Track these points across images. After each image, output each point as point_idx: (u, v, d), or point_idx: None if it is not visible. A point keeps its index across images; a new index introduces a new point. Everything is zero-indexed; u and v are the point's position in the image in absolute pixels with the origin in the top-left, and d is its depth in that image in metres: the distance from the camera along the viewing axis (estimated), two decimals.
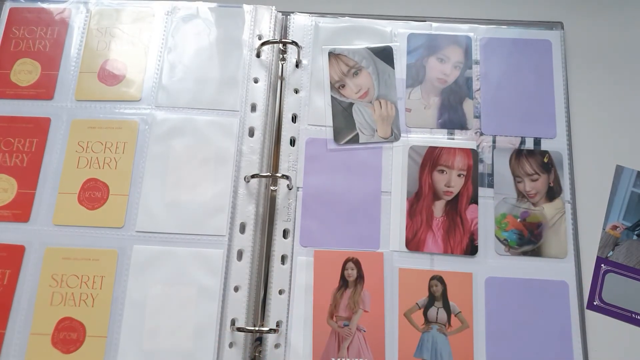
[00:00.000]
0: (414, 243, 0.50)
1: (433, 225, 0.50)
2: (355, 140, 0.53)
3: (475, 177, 0.52)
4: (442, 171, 0.52)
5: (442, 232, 0.50)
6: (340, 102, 0.54)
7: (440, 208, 0.51)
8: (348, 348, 0.47)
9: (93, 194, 0.51)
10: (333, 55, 0.55)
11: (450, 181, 0.52)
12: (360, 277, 0.49)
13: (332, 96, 0.54)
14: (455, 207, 0.51)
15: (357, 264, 0.49)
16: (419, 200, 0.51)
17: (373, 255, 0.49)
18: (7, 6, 0.57)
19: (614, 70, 0.56)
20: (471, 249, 0.50)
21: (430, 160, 0.52)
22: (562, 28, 0.57)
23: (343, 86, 0.54)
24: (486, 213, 0.51)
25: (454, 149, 0.52)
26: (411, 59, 0.55)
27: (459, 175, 0.52)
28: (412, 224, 0.50)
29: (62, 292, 0.48)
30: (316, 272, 0.49)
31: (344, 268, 0.49)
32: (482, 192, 0.51)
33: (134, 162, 0.51)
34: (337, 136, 0.53)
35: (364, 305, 0.48)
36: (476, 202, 0.51)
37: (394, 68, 0.55)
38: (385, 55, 0.55)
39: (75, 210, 0.50)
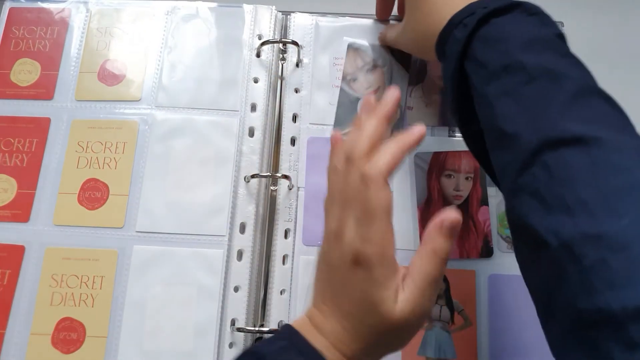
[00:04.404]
0: None
1: None
2: None
3: (483, 178, 0.51)
4: (450, 176, 0.51)
5: (455, 237, 0.49)
6: (349, 94, 0.54)
7: None
8: None
9: (93, 194, 0.50)
10: (352, 48, 0.55)
11: (459, 185, 0.51)
12: None
13: (341, 87, 0.54)
14: (467, 211, 0.50)
15: None
16: (430, 207, 0.50)
17: None
18: (6, 6, 0.57)
19: (614, 69, 0.56)
20: (487, 251, 0.49)
21: (436, 165, 0.52)
22: (563, 27, 0.57)
23: (354, 80, 0.54)
24: (491, 212, 0.50)
25: (459, 152, 0.52)
26: (413, 57, 0.55)
27: (467, 178, 0.51)
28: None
29: (62, 292, 0.47)
30: None
31: None
32: (491, 192, 0.51)
33: (134, 162, 0.51)
34: (338, 124, 0.52)
35: None
36: (487, 204, 0.50)
37: (408, 72, 0.54)
38: (402, 57, 0.54)
39: (75, 211, 0.50)
